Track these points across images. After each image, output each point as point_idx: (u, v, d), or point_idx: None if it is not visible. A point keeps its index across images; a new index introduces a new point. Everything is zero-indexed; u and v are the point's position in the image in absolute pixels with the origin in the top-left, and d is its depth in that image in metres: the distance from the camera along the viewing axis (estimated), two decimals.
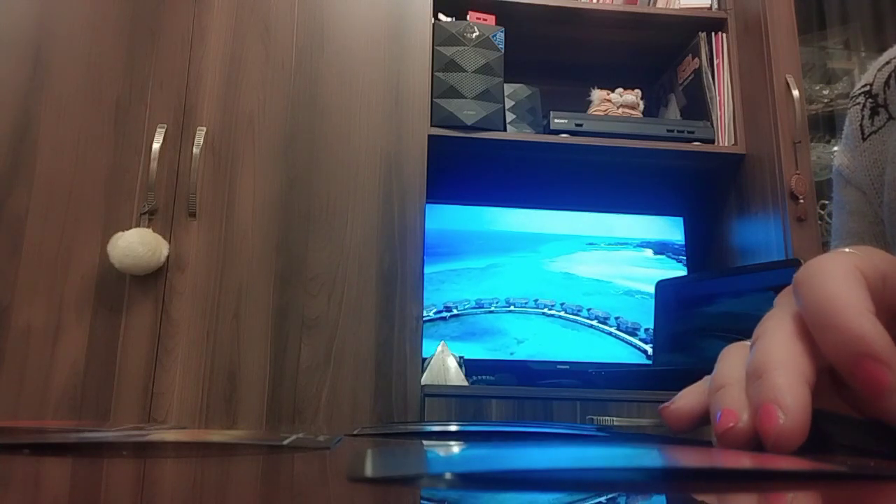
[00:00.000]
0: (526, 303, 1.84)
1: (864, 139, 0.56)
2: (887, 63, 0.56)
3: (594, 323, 1.86)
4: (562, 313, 1.85)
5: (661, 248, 1.88)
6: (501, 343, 1.80)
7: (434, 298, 1.79)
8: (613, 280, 1.85)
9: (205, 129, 1.54)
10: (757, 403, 0.25)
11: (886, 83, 0.55)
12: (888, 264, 0.27)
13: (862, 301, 0.25)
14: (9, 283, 1.43)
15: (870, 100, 0.56)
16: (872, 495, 0.19)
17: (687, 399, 0.29)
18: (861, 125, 0.56)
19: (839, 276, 0.26)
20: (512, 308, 1.83)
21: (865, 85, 0.57)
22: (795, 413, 0.24)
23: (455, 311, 1.82)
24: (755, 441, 0.25)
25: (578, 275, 1.84)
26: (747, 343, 0.29)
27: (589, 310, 1.84)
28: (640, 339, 1.85)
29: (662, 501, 0.19)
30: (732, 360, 0.28)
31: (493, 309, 1.83)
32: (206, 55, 1.59)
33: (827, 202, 1.71)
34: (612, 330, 1.84)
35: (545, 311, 1.84)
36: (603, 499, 0.19)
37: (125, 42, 1.58)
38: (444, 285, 1.81)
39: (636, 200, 1.93)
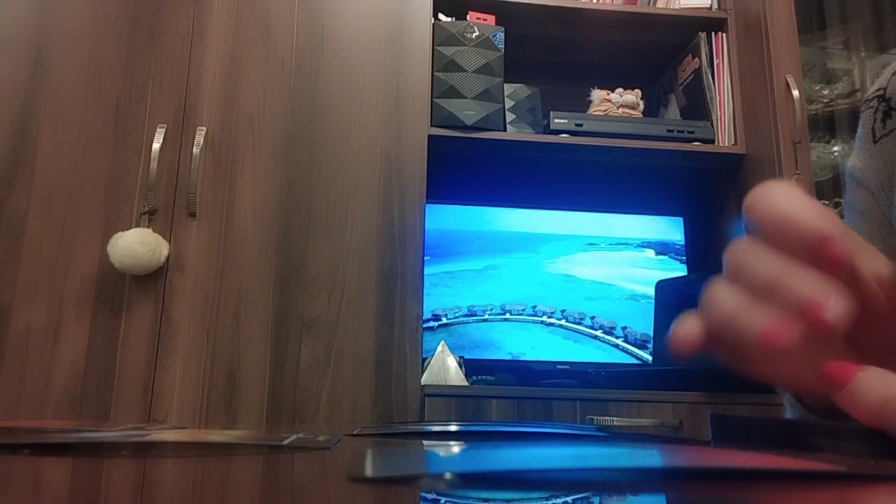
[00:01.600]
0: (523, 309, 1.74)
1: (875, 142, 0.56)
2: None
3: (599, 333, 1.75)
4: (563, 322, 1.75)
5: (662, 249, 1.85)
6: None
7: (423, 305, 1.62)
8: (616, 283, 1.79)
9: (205, 129, 1.54)
10: (798, 303, 0.26)
11: None
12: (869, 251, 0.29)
13: (810, 204, 0.28)
14: (9, 283, 1.43)
15: (883, 103, 0.56)
16: (872, 495, 0.19)
17: (690, 325, 0.30)
18: (873, 128, 0.57)
19: (786, 191, 0.29)
20: (507, 316, 1.74)
21: (879, 89, 0.57)
22: (839, 294, 0.26)
23: (444, 320, 1.73)
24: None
25: (580, 277, 1.79)
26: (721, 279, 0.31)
27: (593, 318, 1.75)
28: (651, 354, 1.71)
29: (662, 501, 0.19)
30: (723, 292, 0.30)
31: (486, 317, 1.74)
32: (206, 55, 1.59)
33: (827, 202, 1.71)
34: (619, 342, 1.72)
35: (544, 318, 1.74)
36: (603, 499, 0.19)
37: (125, 42, 1.58)
38: (435, 289, 1.73)
39: (636, 200, 1.93)
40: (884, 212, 0.55)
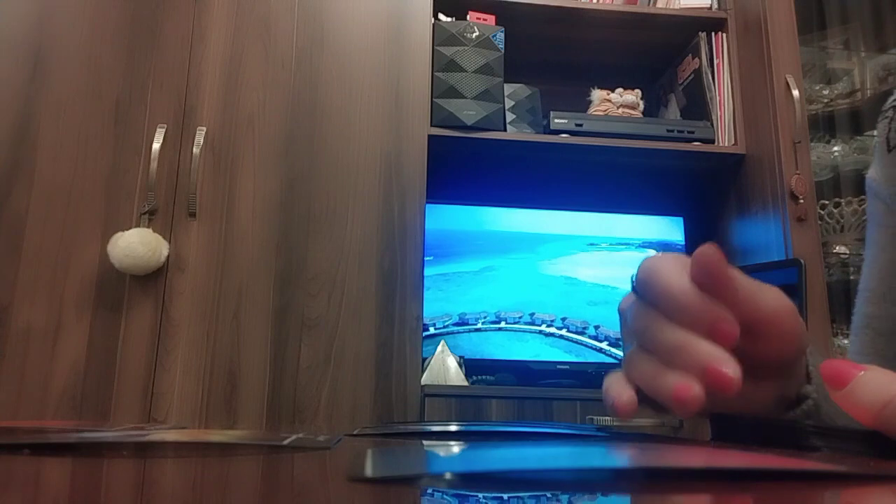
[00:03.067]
0: (520, 317, 1.64)
1: (888, 151, 0.57)
2: None
3: (604, 346, 1.64)
4: (563, 332, 1.64)
5: (663, 249, 1.83)
6: None
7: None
8: (620, 286, 1.75)
9: (205, 129, 1.54)
10: (698, 369, 0.30)
11: None
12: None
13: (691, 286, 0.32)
14: (9, 283, 1.43)
15: None
16: (872, 495, 0.19)
17: (628, 391, 0.34)
18: (887, 137, 0.57)
19: (672, 269, 0.33)
20: (503, 325, 1.63)
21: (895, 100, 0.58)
22: (732, 360, 0.30)
23: (432, 331, 1.64)
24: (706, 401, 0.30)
25: (581, 279, 1.74)
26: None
27: (597, 327, 1.64)
28: None
29: (662, 501, 0.19)
30: (636, 358, 0.35)
31: (479, 326, 1.63)
32: (206, 55, 1.59)
33: (827, 202, 1.71)
34: None
35: (543, 328, 1.63)
36: (602, 499, 0.19)
37: (125, 42, 1.58)
38: (427, 293, 1.61)
39: (636, 200, 1.93)
40: None
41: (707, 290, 0.32)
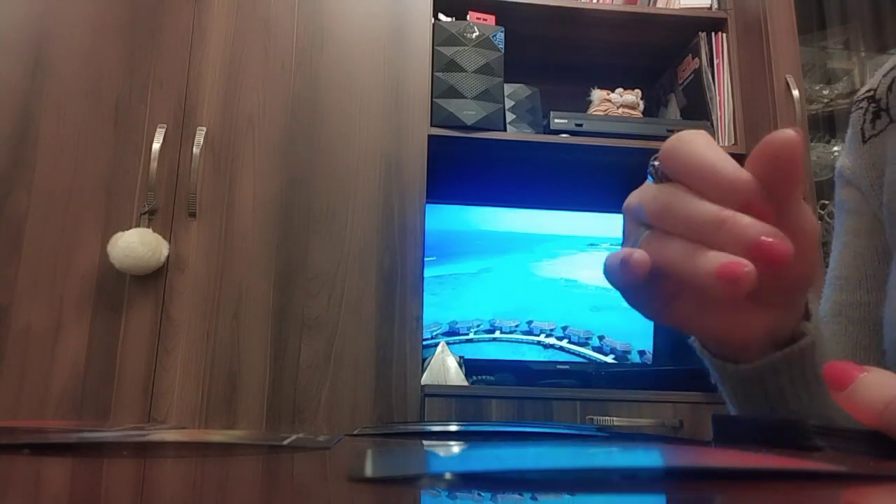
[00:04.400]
0: (517, 326, 1.52)
1: (864, 142, 0.57)
2: (893, 68, 0.57)
3: (609, 360, 1.53)
4: (564, 342, 1.52)
5: None
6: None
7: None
8: None
9: (205, 129, 1.54)
10: (746, 243, 0.28)
11: (889, 88, 0.56)
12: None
13: (726, 155, 0.30)
14: (9, 283, 1.43)
15: (872, 104, 0.57)
16: (872, 495, 0.19)
17: (640, 252, 0.32)
18: (862, 128, 0.58)
19: (703, 140, 0.30)
20: (497, 335, 1.52)
21: (870, 90, 0.58)
22: (781, 233, 0.28)
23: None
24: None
25: (582, 281, 1.67)
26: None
27: (601, 338, 1.53)
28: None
29: (662, 501, 0.19)
30: (660, 237, 0.32)
31: (471, 336, 1.54)
32: (206, 55, 1.59)
33: (827, 202, 1.71)
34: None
35: (542, 338, 1.52)
36: (602, 499, 0.19)
37: (125, 42, 1.58)
38: None
39: None
40: (874, 210, 0.56)
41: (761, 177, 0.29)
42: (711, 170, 0.30)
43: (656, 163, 0.32)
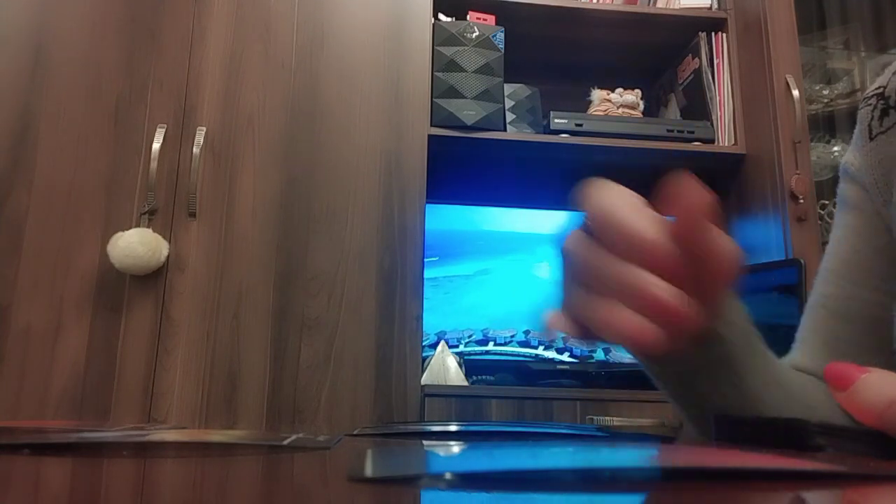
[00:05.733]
0: (512, 336, 1.47)
1: (871, 139, 0.57)
2: None
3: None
4: (565, 356, 1.48)
5: None
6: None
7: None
8: None
9: (205, 129, 1.54)
10: (653, 307, 0.31)
11: None
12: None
13: (641, 210, 0.32)
14: (9, 283, 1.43)
15: (881, 101, 0.57)
16: (872, 495, 0.19)
17: (560, 315, 0.35)
18: (869, 125, 0.58)
19: (618, 196, 0.34)
20: (490, 347, 1.46)
21: (879, 87, 0.58)
22: (690, 300, 0.31)
23: None
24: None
25: None
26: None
27: (608, 351, 1.49)
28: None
29: (662, 501, 0.19)
30: (579, 294, 0.35)
31: (461, 349, 1.49)
32: (206, 55, 1.59)
33: (827, 202, 1.71)
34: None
35: (540, 350, 1.48)
36: (602, 499, 0.19)
37: (125, 42, 1.58)
38: None
39: None
40: (877, 208, 0.56)
41: (676, 236, 0.32)
42: (630, 240, 0.32)
43: (587, 220, 0.36)
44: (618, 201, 0.34)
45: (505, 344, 1.52)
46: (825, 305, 0.56)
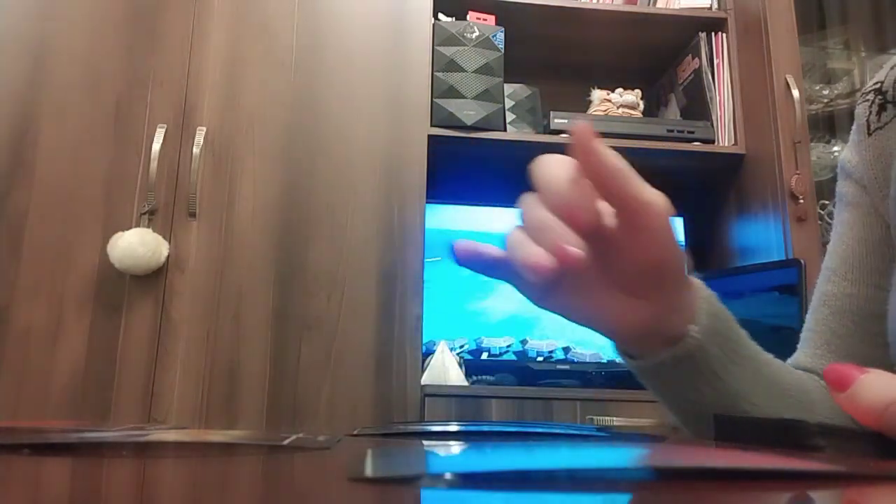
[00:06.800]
0: (508, 346, 1.45)
1: (869, 134, 0.57)
2: None
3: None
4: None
5: None
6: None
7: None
8: None
9: (205, 129, 1.54)
10: (550, 247, 0.35)
11: None
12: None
13: (562, 178, 0.36)
14: (9, 283, 1.43)
15: (879, 97, 0.57)
16: (872, 495, 0.19)
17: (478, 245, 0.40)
18: (867, 120, 0.58)
19: (555, 165, 0.37)
20: (485, 357, 1.43)
21: (877, 83, 0.58)
22: (579, 244, 0.35)
23: None
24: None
25: None
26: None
27: (613, 362, 1.45)
28: None
29: (662, 501, 0.19)
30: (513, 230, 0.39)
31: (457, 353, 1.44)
32: (206, 55, 1.59)
33: (827, 202, 1.71)
34: None
35: (538, 361, 1.44)
36: (602, 499, 0.19)
37: (125, 42, 1.58)
38: None
39: None
40: (874, 204, 0.56)
41: (587, 171, 0.36)
42: (544, 188, 0.37)
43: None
44: (552, 167, 0.38)
45: (499, 355, 1.53)
46: (826, 304, 0.57)
